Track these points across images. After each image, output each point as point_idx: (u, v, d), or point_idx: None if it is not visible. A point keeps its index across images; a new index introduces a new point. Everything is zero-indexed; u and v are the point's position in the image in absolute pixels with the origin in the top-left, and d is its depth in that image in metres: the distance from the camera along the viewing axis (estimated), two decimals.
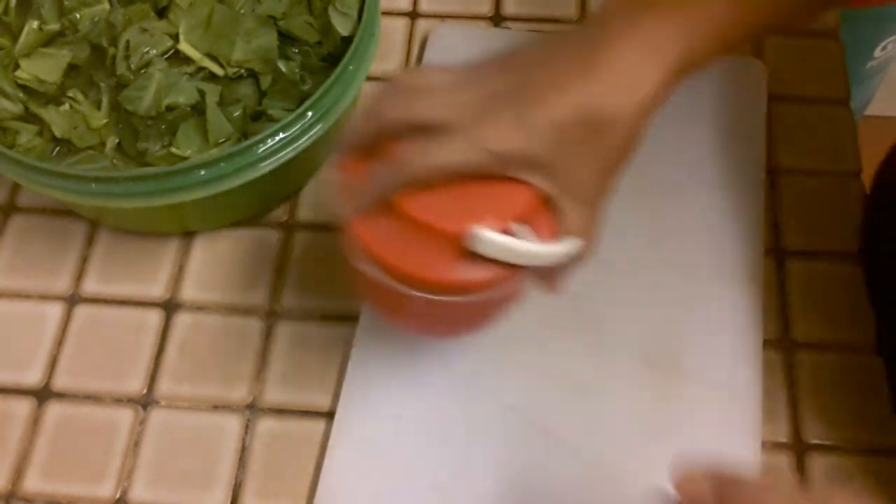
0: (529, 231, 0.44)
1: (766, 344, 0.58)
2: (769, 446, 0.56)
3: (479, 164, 0.43)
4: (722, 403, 0.55)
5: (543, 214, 0.45)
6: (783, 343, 0.59)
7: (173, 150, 0.60)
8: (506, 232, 0.44)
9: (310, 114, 0.58)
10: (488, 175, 0.44)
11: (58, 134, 0.60)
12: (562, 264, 0.46)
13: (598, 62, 0.43)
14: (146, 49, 0.62)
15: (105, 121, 0.62)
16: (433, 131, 0.44)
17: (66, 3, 0.63)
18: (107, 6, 0.63)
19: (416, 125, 0.44)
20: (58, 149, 0.61)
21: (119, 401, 0.59)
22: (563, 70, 0.44)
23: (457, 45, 0.71)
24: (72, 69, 0.63)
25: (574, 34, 0.46)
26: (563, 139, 0.43)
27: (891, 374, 0.57)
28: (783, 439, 0.56)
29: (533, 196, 0.44)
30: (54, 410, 0.59)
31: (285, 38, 0.64)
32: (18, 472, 0.57)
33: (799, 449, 0.56)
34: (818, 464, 0.56)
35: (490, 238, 0.43)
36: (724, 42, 0.46)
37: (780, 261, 0.62)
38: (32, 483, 0.57)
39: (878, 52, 0.92)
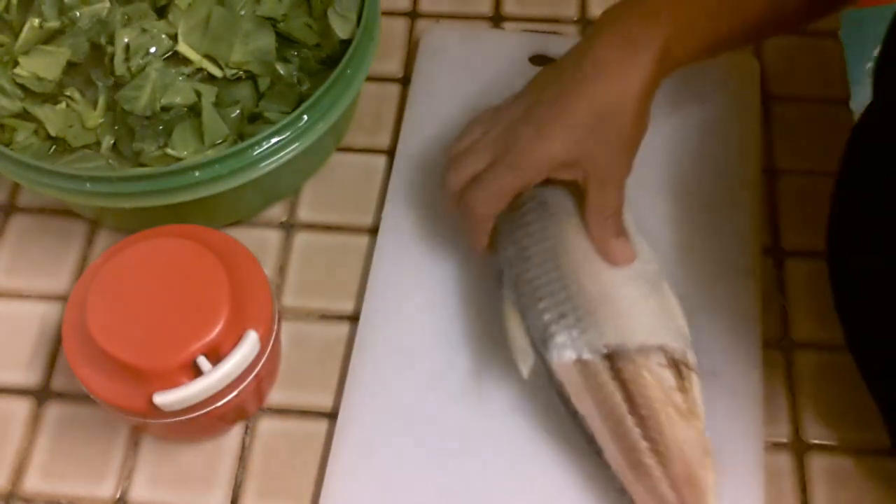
0: (209, 361, 0.49)
1: (766, 344, 0.58)
2: (769, 446, 0.56)
3: (518, 182, 0.53)
4: (722, 403, 0.55)
5: (231, 326, 0.50)
6: (783, 343, 0.59)
7: (169, 150, 0.60)
8: (193, 367, 0.49)
9: (306, 117, 0.58)
10: (199, 300, 0.50)
11: (52, 132, 0.61)
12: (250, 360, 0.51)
13: (587, 65, 0.52)
14: (145, 49, 0.62)
15: (101, 120, 0.62)
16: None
17: (66, 0, 0.63)
18: (107, 4, 0.64)
19: (471, 178, 0.54)
20: (54, 147, 0.61)
21: None
22: (567, 82, 0.52)
23: (449, 45, 0.71)
24: (71, 67, 0.63)
25: (572, 51, 0.54)
26: (579, 137, 0.52)
27: (864, 373, 0.56)
28: (783, 439, 0.56)
29: (222, 311, 0.50)
30: (54, 410, 0.59)
31: (284, 40, 0.64)
32: (18, 472, 0.57)
33: (799, 449, 0.56)
34: (818, 464, 0.56)
35: (169, 400, 0.49)
36: (714, 35, 0.54)
37: (779, 261, 0.62)
38: (32, 483, 0.57)
39: (877, 52, 0.92)
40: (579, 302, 0.53)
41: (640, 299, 0.53)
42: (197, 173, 0.56)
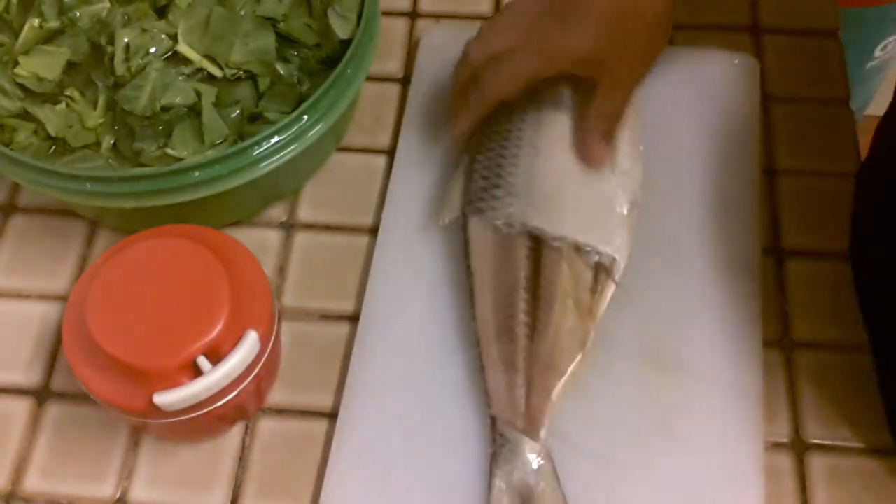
0: (209, 361, 0.49)
1: (766, 344, 0.58)
2: (769, 446, 0.56)
3: (537, 68, 0.54)
4: (722, 403, 0.55)
5: (231, 326, 0.50)
6: (783, 343, 0.59)
7: (169, 150, 0.60)
8: (193, 367, 0.49)
9: (306, 117, 0.58)
10: (207, 289, 0.50)
11: (52, 132, 0.61)
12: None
13: None
14: (145, 49, 0.62)
15: (101, 120, 0.62)
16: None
17: (66, 0, 0.63)
18: (107, 4, 0.64)
19: (493, 55, 0.55)
20: (54, 147, 0.61)
21: None
22: None
23: (449, 45, 0.71)
24: (71, 67, 0.63)
25: None
26: (605, 36, 0.53)
27: (882, 376, 0.57)
28: (783, 439, 0.56)
29: (222, 311, 0.50)
30: (54, 410, 0.59)
31: (284, 40, 0.64)
32: (18, 472, 0.57)
33: (799, 449, 0.56)
34: (818, 464, 0.55)
35: (169, 400, 0.49)
36: None
37: (779, 260, 0.62)
38: (32, 483, 0.57)
39: (878, 52, 0.92)
40: (520, 183, 0.56)
41: (587, 201, 0.56)
42: (197, 173, 0.56)
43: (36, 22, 0.63)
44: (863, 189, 0.62)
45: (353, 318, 0.61)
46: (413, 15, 0.75)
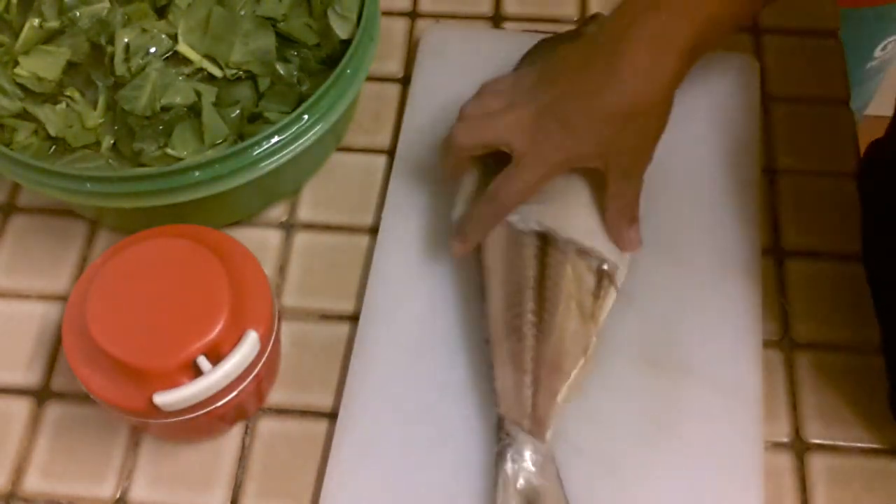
0: (209, 361, 0.49)
1: (766, 344, 0.58)
2: (769, 446, 0.56)
3: (547, 174, 0.54)
4: (722, 403, 0.55)
5: (231, 326, 0.50)
6: (783, 343, 0.59)
7: (169, 150, 0.60)
8: (193, 367, 0.49)
9: (306, 116, 0.58)
10: (201, 300, 0.50)
11: (52, 132, 0.61)
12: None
13: (620, 64, 0.52)
14: (145, 49, 0.62)
15: (101, 120, 0.62)
16: (500, 150, 0.55)
17: (66, 0, 0.63)
18: (107, 4, 0.64)
19: (486, 146, 0.56)
20: (54, 147, 0.62)
21: None
22: (594, 78, 0.53)
23: (449, 46, 0.71)
24: (71, 67, 0.63)
25: (594, 41, 0.55)
26: (606, 133, 0.53)
27: (892, 376, 0.57)
28: (783, 439, 0.56)
29: (222, 311, 0.50)
30: (54, 410, 0.59)
31: (284, 40, 0.64)
32: (18, 472, 0.57)
33: (799, 449, 0.56)
34: (818, 464, 0.55)
35: (169, 400, 0.49)
36: (734, 22, 0.56)
37: (779, 261, 0.62)
38: (32, 483, 0.57)
39: (878, 52, 0.92)
40: None
41: (595, 210, 0.57)
42: (197, 173, 0.56)
43: (36, 22, 0.63)
44: (876, 185, 0.62)
45: (353, 318, 0.61)
46: (413, 15, 0.75)
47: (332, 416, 0.58)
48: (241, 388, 0.52)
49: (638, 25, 0.52)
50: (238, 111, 0.62)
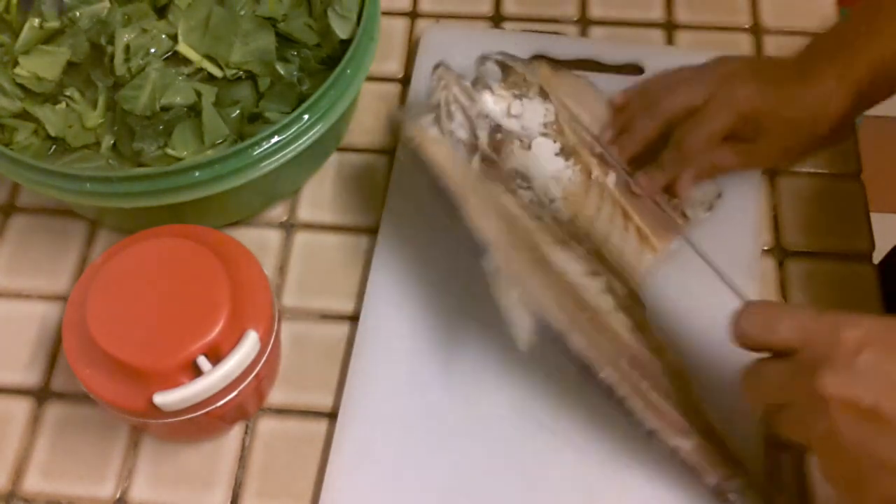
0: (209, 361, 0.49)
1: None
2: (770, 446, 0.56)
3: (731, 123, 0.58)
4: (723, 403, 0.55)
5: (231, 326, 0.50)
6: None
7: (169, 150, 0.60)
8: (193, 367, 0.49)
9: (306, 116, 0.58)
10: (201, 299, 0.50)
11: (52, 132, 0.61)
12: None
13: (807, 81, 0.57)
14: (145, 49, 0.62)
15: (101, 120, 0.62)
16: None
17: (66, 0, 0.63)
18: (107, 4, 0.64)
19: (687, 108, 0.59)
20: (54, 147, 0.62)
21: None
22: (784, 74, 0.58)
23: (449, 45, 0.71)
24: (71, 67, 0.63)
25: (789, 59, 0.59)
26: (779, 115, 0.57)
27: None
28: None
29: (222, 311, 0.50)
30: (54, 410, 0.59)
31: (284, 40, 0.64)
32: (18, 472, 0.57)
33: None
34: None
35: (169, 400, 0.49)
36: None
37: (780, 261, 0.62)
38: (32, 483, 0.57)
39: None
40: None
41: None
42: (197, 173, 0.56)
43: (36, 22, 0.63)
44: None
45: (353, 318, 0.61)
46: (413, 15, 0.75)
47: (332, 416, 0.58)
48: (241, 388, 0.52)
49: (828, 61, 0.57)
50: (238, 111, 0.62)
